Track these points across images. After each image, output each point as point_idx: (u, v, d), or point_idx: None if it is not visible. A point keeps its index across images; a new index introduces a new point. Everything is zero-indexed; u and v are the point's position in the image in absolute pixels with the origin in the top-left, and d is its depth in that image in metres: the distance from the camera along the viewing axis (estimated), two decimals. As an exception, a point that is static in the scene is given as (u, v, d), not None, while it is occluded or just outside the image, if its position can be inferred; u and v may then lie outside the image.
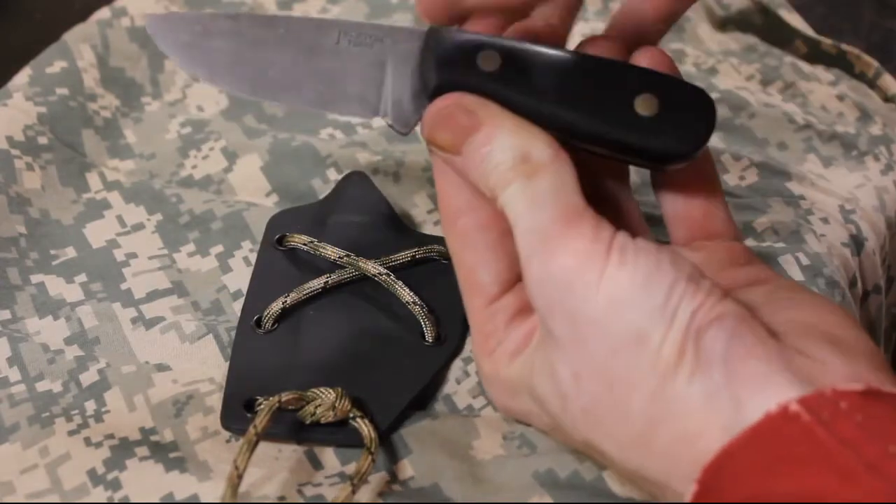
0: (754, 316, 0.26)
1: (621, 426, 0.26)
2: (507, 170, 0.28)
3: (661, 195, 0.33)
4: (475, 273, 0.31)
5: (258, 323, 0.38)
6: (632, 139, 0.30)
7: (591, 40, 0.33)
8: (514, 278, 0.31)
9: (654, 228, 0.36)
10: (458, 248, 0.31)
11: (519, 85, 0.30)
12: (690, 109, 0.30)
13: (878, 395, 0.24)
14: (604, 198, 0.34)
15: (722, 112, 0.51)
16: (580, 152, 0.31)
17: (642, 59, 0.31)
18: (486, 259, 0.30)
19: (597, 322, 0.26)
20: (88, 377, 0.37)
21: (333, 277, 0.39)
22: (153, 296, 0.41)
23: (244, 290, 0.40)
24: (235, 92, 0.33)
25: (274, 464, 0.34)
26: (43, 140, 0.46)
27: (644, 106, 0.30)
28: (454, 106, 0.30)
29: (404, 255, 0.39)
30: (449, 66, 0.30)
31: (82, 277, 0.41)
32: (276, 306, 0.38)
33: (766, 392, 0.24)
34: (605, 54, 0.32)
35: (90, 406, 0.36)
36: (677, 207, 0.33)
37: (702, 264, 0.31)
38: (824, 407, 0.23)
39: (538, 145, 0.28)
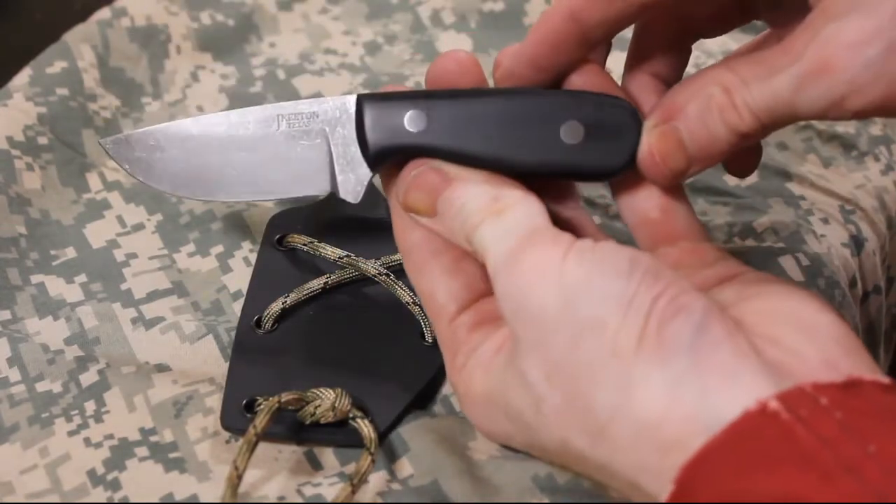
0: (724, 312, 0.26)
1: (590, 419, 0.26)
2: (479, 211, 0.29)
3: (617, 200, 0.33)
4: (433, 296, 0.32)
5: (258, 323, 0.38)
6: (561, 164, 0.31)
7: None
8: (471, 298, 0.32)
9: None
10: (416, 275, 0.32)
11: (448, 138, 0.31)
12: (616, 129, 0.31)
13: (859, 385, 0.24)
14: (555, 219, 0.34)
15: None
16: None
17: (578, 78, 0.32)
18: (443, 282, 0.31)
19: (556, 316, 0.26)
20: (88, 377, 0.37)
21: (333, 277, 0.39)
22: (153, 296, 0.41)
23: (244, 291, 0.40)
24: (198, 199, 0.34)
25: (274, 464, 0.34)
26: (43, 140, 0.46)
27: (570, 134, 0.31)
28: (425, 168, 0.31)
29: (404, 256, 0.39)
30: (381, 133, 0.32)
31: (82, 278, 0.41)
32: (276, 306, 0.38)
33: (737, 385, 0.24)
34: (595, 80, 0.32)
35: (90, 406, 0.36)
36: (634, 211, 0.33)
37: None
38: (803, 404, 0.23)
39: (506, 189, 0.30)
